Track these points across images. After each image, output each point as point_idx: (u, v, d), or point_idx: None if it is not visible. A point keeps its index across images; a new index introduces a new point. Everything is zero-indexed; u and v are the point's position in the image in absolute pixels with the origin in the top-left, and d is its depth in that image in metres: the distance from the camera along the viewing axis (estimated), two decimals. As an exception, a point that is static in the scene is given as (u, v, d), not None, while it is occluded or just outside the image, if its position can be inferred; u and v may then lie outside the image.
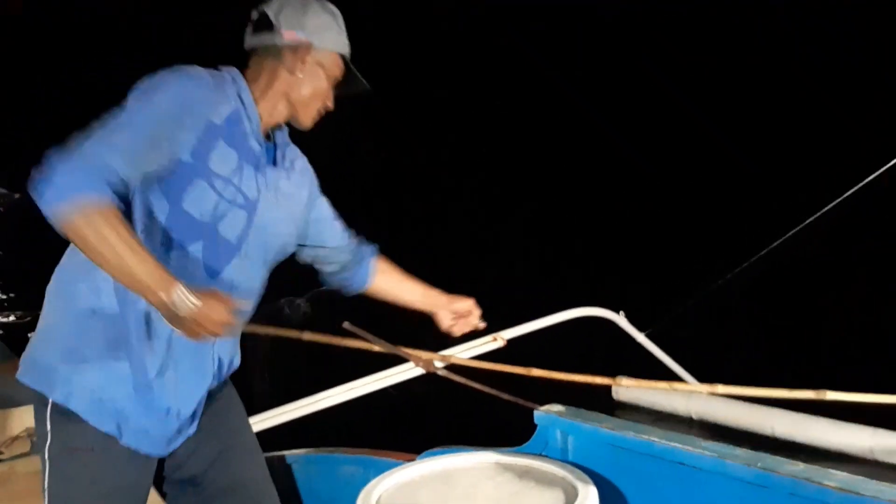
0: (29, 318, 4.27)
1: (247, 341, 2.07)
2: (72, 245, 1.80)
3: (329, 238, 2.19)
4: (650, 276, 7.15)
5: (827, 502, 1.72)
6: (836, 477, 1.75)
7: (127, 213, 1.72)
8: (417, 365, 2.43)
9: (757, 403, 3.31)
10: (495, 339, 3.02)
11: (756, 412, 3.27)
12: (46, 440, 1.80)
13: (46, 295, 1.87)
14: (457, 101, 10.42)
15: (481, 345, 3.01)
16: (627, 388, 3.50)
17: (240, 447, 2.06)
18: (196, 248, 1.82)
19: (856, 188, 2.77)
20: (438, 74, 10.41)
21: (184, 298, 1.60)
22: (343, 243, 2.22)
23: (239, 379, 2.11)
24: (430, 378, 2.40)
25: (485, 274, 7.63)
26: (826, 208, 2.88)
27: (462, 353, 2.89)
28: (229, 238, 1.88)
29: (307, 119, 1.99)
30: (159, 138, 1.71)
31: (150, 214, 1.78)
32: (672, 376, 3.50)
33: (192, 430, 1.94)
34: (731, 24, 9.31)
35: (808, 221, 2.94)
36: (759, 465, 1.85)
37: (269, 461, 2.52)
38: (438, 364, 2.37)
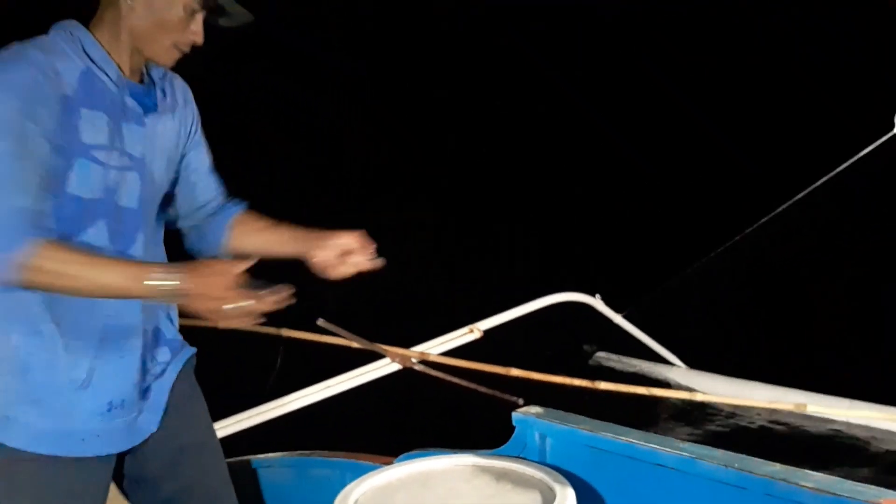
0: None
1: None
2: None
3: (201, 192, 2.03)
4: (627, 258, 7.16)
5: (803, 503, 1.69)
6: (813, 477, 1.73)
7: None
8: (394, 361, 2.40)
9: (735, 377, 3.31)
10: (472, 331, 2.99)
11: (734, 385, 3.28)
12: None
13: None
14: (446, 93, 10.42)
15: (458, 337, 2.98)
16: (606, 359, 3.51)
17: (199, 447, 2.00)
18: (99, 229, 1.72)
19: (832, 174, 2.77)
20: (436, 70, 10.41)
21: (162, 281, 1.57)
22: (212, 198, 2.06)
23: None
24: (407, 378, 2.38)
25: (459, 265, 7.62)
26: (807, 190, 2.88)
27: (438, 347, 2.85)
28: (130, 205, 1.77)
29: (160, 56, 1.76)
30: (30, 148, 1.60)
31: None
32: (651, 354, 3.51)
33: (153, 424, 1.89)
34: (731, 23, 9.30)
35: (790, 202, 2.94)
36: (735, 465, 1.83)
37: (243, 465, 2.50)
38: (415, 360, 2.35)
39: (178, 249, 2.03)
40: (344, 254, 1.90)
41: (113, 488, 1.93)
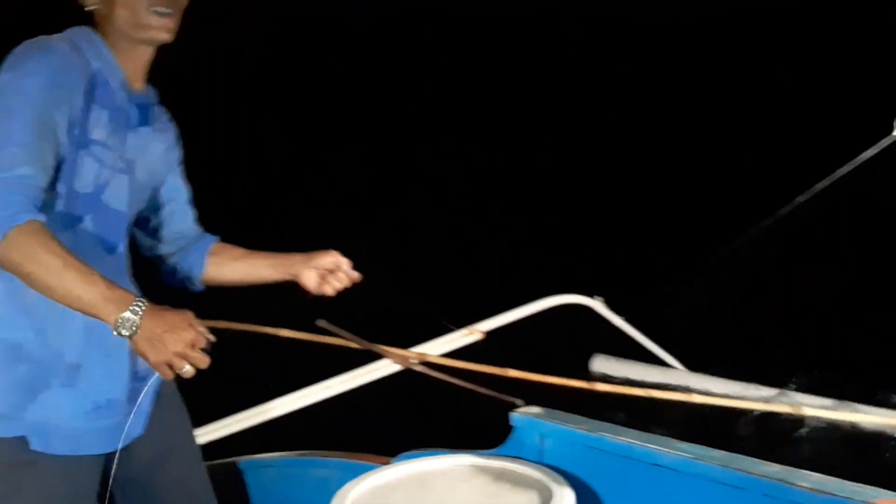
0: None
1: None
2: None
3: (177, 219, 2.09)
4: (629, 261, 7.15)
5: (801, 503, 1.69)
6: (811, 478, 1.73)
7: None
8: (394, 362, 2.40)
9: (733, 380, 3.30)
10: (472, 332, 2.98)
11: (732, 387, 3.27)
12: None
13: None
14: (434, 90, 10.44)
15: (458, 339, 2.98)
16: (606, 362, 3.49)
17: (180, 452, 2.03)
18: (87, 224, 1.75)
19: (832, 177, 2.77)
20: (439, 68, 10.44)
21: (132, 319, 1.47)
22: (187, 228, 2.12)
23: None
24: (405, 377, 2.38)
25: (458, 266, 7.62)
26: (808, 193, 2.88)
27: (438, 349, 2.84)
28: (118, 207, 1.81)
29: (147, 27, 1.78)
30: (49, 127, 1.63)
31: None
32: (653, 358, 3.50)
33: (138, 428, 1.90)
34: (731, 25, 9.31)
35: (791, 205, 2.94)
36: (733, 465, 1.83)
37: (240, 465, 2.50)
38: (415, 361, 2.35)
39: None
40: (325, 273, 2.04)
41: None
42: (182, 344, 1.48)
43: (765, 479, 1.76)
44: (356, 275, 2.05)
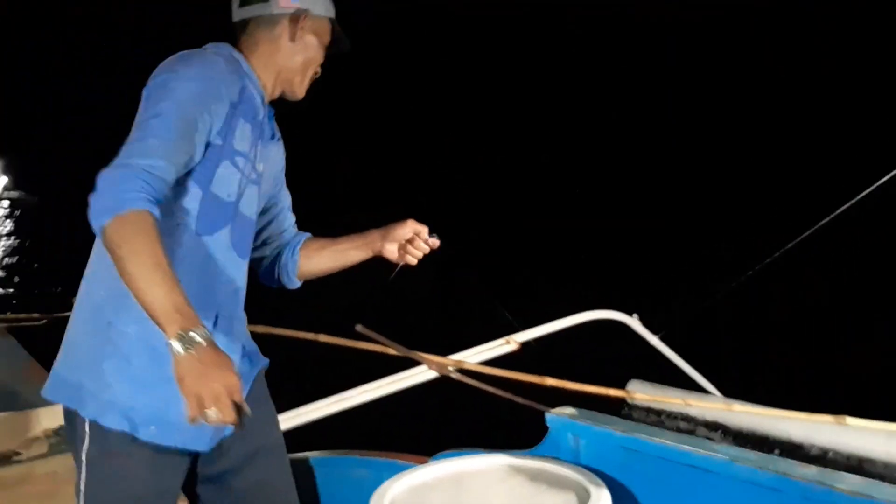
0: (45, 321, 4.30)
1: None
2: (94, 254, 1.82)
3: (279, 224, 2.17)
4: (667, 279, 7.10)
5: (839, 506, 1.68)
6: (849, 481, 1.72)
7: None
8: (431, 368, 2.42)
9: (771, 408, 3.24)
10: (508, 342, 3.00)
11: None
12: (83, 442, 1.78)
13: (73, 306, 1.85)
14: (468, 101, 10.53)
15: (494, 348, 2.99)
16: (641, 387, 3.46)
17: (270, 448, 2.05)
18: (226, 231, 1.85)
19: (869, 190, 2.73)
20: (441, 75, 10.54)
21: (193, 339, 1.47)
22: (287, 232, 2.19)
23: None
24: (443, 381, 2.39)
25: (497, 277, 7.62)
26: (843, 207, 2.84)
27: (475, 357, 2.86)
28: (250, 215, 1.92)
29: (302, 88, 2.00)
30: (191, 129, 1.71)
31: (182, 204, 1.77)
32: (687, 379, 3.45)
33: (230, 428, 1.93)
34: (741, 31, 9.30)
35: (825, 221, 2.90)
36: (771, 468, 1.83)
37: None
38: (451, 368, 2.37)
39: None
40: (405, 244, 2.06)
41: None
42: (221, 384, 1.47)
43: (802, 481, 1.75)
44: (435, 241, 2.07)
